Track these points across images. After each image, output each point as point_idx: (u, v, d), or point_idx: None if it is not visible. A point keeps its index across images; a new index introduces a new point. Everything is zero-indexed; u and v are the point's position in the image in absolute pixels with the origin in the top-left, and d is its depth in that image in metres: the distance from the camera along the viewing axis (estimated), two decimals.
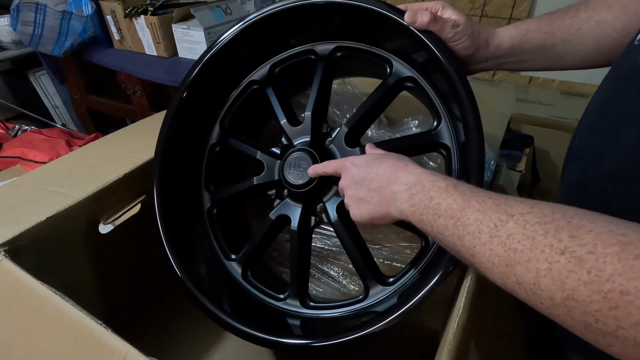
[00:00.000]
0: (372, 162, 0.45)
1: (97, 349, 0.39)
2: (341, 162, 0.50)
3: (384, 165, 0.43)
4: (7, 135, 1.34)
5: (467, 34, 0.48)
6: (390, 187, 0.41)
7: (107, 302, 0.70)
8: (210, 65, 0.61)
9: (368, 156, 0.47)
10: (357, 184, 0.45)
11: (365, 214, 0.44)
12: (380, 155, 0.46)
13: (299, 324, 0.58)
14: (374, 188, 0.43)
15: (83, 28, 1.36)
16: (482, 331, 0.46)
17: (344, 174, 0.48)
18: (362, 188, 0.44)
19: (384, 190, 0.42)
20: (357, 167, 0.46)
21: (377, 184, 0.43)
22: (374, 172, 0.43)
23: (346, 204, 0.48)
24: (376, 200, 0.43)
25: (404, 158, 0.44)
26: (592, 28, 0.46)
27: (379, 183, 0.42)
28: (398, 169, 0.42)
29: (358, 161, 0.47)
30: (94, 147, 0.71)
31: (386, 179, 0.42)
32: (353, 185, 0.46)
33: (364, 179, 0.44)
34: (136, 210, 0.66)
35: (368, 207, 0.44)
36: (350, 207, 0.47)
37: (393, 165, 0.42)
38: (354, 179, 0.46)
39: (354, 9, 0.52)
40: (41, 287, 0.43)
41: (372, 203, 0.43)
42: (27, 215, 0.53)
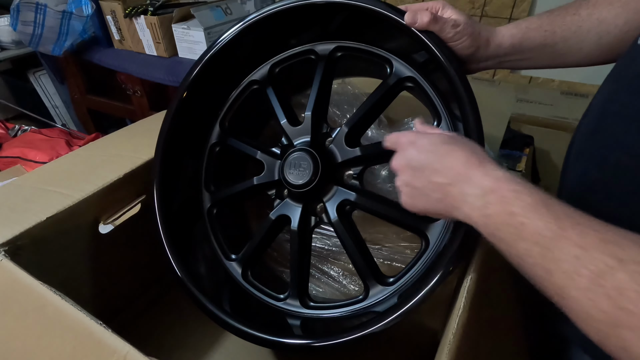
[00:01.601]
0: (439, 149, 0.37)
1: (97, 348, 0.39)
2: (398, 137, 0.42)
3: (452, 156, 0.36)
4: (7, 135, 1.34)
5: (467, 33, 0.48)
6: (459, 186, 0.35)
7: (107, 302, 0.70)
8: (210, 65, 0.61)
9: (433, 138, 0.39)
10: (415, 170, 0.38)
11: (420, 206, 0.39)
12: (448, 140, 0.38)
13: (299, 324, 0.58)
14: (437, 182, 0.37)
15: (83, 28, 1.36)
16: (482, 331, 0.46)
17: (400, 153, 0.41)
18: (420, 177, 0.38)
19: (450, 188, 0.36)
20: (417, 150, 0.39)
21: (442, 178, 0.36)
22: (440, 162, 0.37)
23: (397, 187, 0.42)
24: (437, 196, 0.37)
25: (477, 149, 0.37)
26: (593, 26, 0.46)
27: (444, 178, 0.36)
28: (471, 165, 0.35)
29: (421, 142, 0.39)
30: (94, 147, 0.71)
31: (454, 175, 0.35)
32: (409, 170, 0.39)
33: (424, 167, 0.38)
34: (136, 210, 0.65)
35: (425, 201, 0.38)
36: (402, 192, 0.41)
37: (465, 159, 0.36)
38: (411, 163, 0.39)
39: (354, 9, 0.52)
40: (41, 287, 0.43)
41: (432, 198, 0.38)
42: (27, 215, 0.53)
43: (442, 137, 0.39)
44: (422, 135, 0.40)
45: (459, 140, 0.39)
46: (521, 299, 0.60)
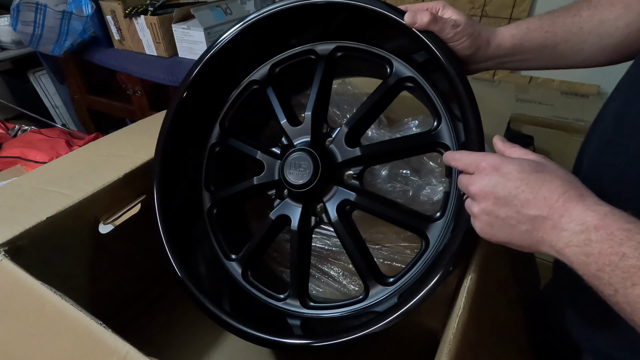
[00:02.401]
0: (530, 177, 0.34)
1: (97, 348, 0.39)
2: (478, 161, 0.38)
3: (547, 187, 0.33)
4: (7, 135, 1.34)
5: (467, 34, 0.48)
6: (554, 220, 0.32)
7: (107, 301, 0.70)
8: (210, 65, 0.61)
9: (522, 164, 0.35)
10: (500, 199, 0.35)
11: (500, 236, 0.36)
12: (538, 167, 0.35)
13: (299, 324, 0.58)
14: (528, 215, 0.33)
15: (83, 28, 1.36)
16: (482, 331, 0.46)
17: (481, 177, 0.37)
18: (506, 206, 0.35)
19: (543, 221, 0.33)
20: (504, 176, 0.35)
21: (535, 210, 0.33)
22: (532, 192, 0.33)
23: (471, 212, 0.39)
24: (525, 228, 0.34)
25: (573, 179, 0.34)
26: (595, 27, 0.46)
27: (537, 210, 0.33)
28: (569, 198, 0.32)
29: (507, 168, 0.35)
30: (94, 147, 0.71)
31: (549, 208, 0.32)
32: (492, 198, 0.36)
33: (514, 196, 0.34)
34: (136, 210, 0.66)
35: (509, 232, 0.35)
36: (480, 220, 0.38)
37: (563, 190, 0.32)
38: (496, 191, 0.35)
39: (354, 9, 0.52)
40: (41, 287, 0.43)
41: (518, 230, 0.34)
42: (27, 215, 0.53)
43: (532, 164, 0.35)
44: (508, 160, 0.36)
45: (551, 167, 0.36)
46: (522, 300, 0.60)
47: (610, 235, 0.29)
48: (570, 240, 0.31)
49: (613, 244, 0.28)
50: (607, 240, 0.29)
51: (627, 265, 0.27)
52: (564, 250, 0.31)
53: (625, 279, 0.27)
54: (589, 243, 0.30)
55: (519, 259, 0.65)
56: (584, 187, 0.33)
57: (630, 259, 0.27)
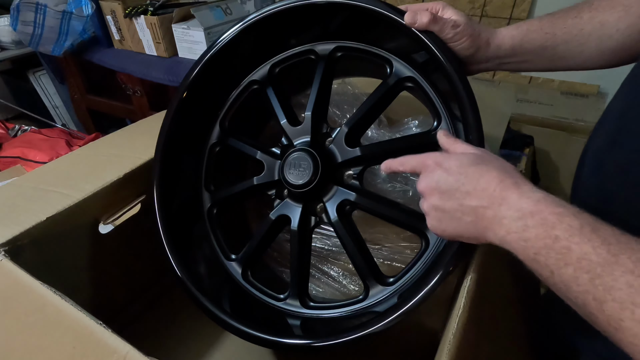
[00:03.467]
0: (469, 170, 0.36)
1: (97, 349, 0.39)
2: (423, 159, 0.40)
3: (485, 178, 0.35)
4: (7, 135, 1.34)
5: (467, 34, 0.48)
6: (494, 209, 0.33)
7: (107, 301, 0.70)
8: (210, 65, 0.61)
9: (461, 158, 0.38)
10: (444, 193, 0.37)
11: (450, 230, 0.38)
12: (477, 160, 0.37)
13: (299, 324, 0.58)
14: (469, 205, 0.35)
15: (83, 28, 1.36)
16: (482, 331, 0.46)
17: (426, 175, 0.39)
18: (450, 200, 0.36)
19: (484, 211, 0.34)
20: (445, 171, 0.37)
21: (475, 201, 0.35)
22: (471, 184, 0.35)
23: (424, 211, 0.40)
24: (469, 219, 0.35)
25: (509, 169, 0.36)
26: (595, 29, 0.46)
27: (477, 200, 0.34)
28: (506, 186, 0.33)
29: (448, 164, 0.38)
30: (94, 147, 0.71)
31: (488, 198, 0.34)
32: (437, 194, 0.38)
33: (455, 190, 0.36)
34: (136, 210, 0.66)
35: (456, 225, 0.37)
36: (430, 217, 0.40)
37: (499, 180, 0.34)
38: (439, 185, 0.37)
39: (354, 9, 0.52)
40: (41, 287, 0.43)
41: (463, 221, 0.36)
42: (27, 215, 0.53)
43: (471, 157, 0.37)
44: (448, 156, 0.39)
45: (488, 159, 0.37)
46: (522, 300, 0.60)
47: (543, 220, 0.30)
48: (510, 227, 0.32)
49: (547, 228, 0.30)
50: (541, 225, 0.30)
51: (560, 246, 0.29)
52: (506, 237, 0.33)
53: (558, 260, 0.29)
54: (526, 229, 0.31)
55: (519, 259, 0.65)
56: (519, 176, 0.35)
57: (561, 241, 0.29)
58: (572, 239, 0.28)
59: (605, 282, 0.26)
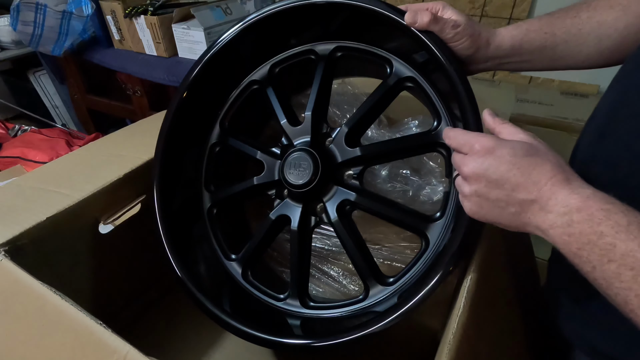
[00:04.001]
0: (522, 162, 0.35)
1: (97, 349, 0.39)
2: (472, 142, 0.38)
3: (538, 171, 0.34)
4: (7, 135, 1.34)
5: (467, 34, 0.48)
6: (541, 203, 0.33)
7: (107, 301, 0.70)
8: (210, 65, 0.61)
9: (515, 147, 0.36)
10: (492, 182, 0.36)
11: (490, 217, 0.37)
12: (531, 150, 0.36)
13: (299, 324, 0.58)
14: (517, 198, 0.34)
15: (83, 28, 1.36)
16: (482, 331, 0.46)
17: (473, 158, 0.37)
18: (497, 189, 0.35)
19: (531, 204, 0.34)
20: (497, 159, 0.36)
21: (525, 194, 0.34)
22: (523, 176, 0.34)
23: (462, 192, 0.39)
24: (514, 210, 0.35)
25: (562, 163, 0.35)
26: (593, 29, 0.46)
27: (527, 194, 0.34)
28: (557, 182, 0.33)
29: (501, 151, 0.36)
30: (94, 147, 0.71)
31: (538, 192, 0.33)
32: (484, 181, 0.36)
33: (505, 180, 0.35)
34: (136, 210, 0.66)
35: (497, 213, 0.36)
36: (470, 201, 0.39)
37: (551, 174, 0.33)
38: (488, 175, 0.36)
39: (354, 9, 0.52)
40: (41, 287, 0.43)
41: (506, 212, 0.36)
42: (27, 215, 0.53)
43: (525, 147, 0.36)
44: (501, 142, 0.37)
45: (542, 151, 0.36)
46: (522, 299, 0.60)
47: (590, 216, 0.30)
48: (555, 222, 0.32)
49: (592, 224, 0.30)
50: (587, 220, 0.30)
51: (604, 243, 0.29)
52: (549, 231, 0.33)
53: (602, 256, 0.29)
54: (571, 224, 0.31)
55: (519, 259, 0.65)
56: (571, 171, 0.35)
57: (607, 237, 0.29)
58: (618, 235, 0.28)
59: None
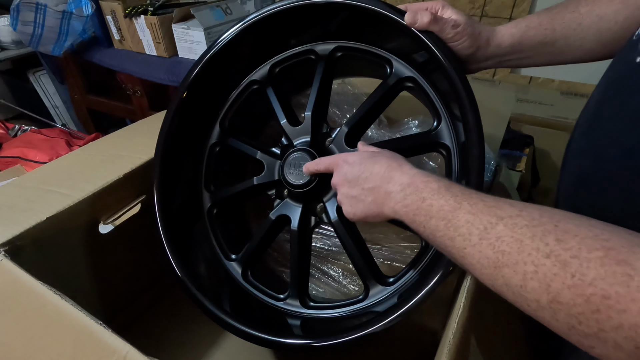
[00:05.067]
0: (366, 161, 0.45)
1: (97, 349, 0.39)
2: (334, 159, 0.50)
3: (378, 165, 0.43)
4: (7, 135, 1.34)
5: (467, 34, 0.48)
6: (385, 186, 0.41)
7: (107, 302, 0.70)
8: (210, 65, 0.61)
9: (362, 154, 0.47)
10: (350, 182, 0.45)
11: (358, 212, 0.45)
12: (374, 154, 0.46)
13: (299, 324, 0.58)
14: (368, 187, 0.43)
15: (83, 28, 1.36)
16: (482, 331, 0.46)
17: (337, 171, 0.48)
18: (355, 186, 0.44)
19: (378, 189, 0.42)
20: (350, 165, 0.46)
21: (372, 183, 0.43)
22: (368, 171, 0.43)
23: (339, 201, 0.48)
24: (370, 199, 0.43)
25: (397, 157, 0.44)
26: (593, 22, 0.46)
27: (373, 182, 0.43)
28: (392, 168, 0.42)
29: (351, 159, 0.47)
30: (94, 147, 0.71)
31: (380, 179, 0.42)
32: (346, 184, 0.46)
33: (357, 177, 0.44)
34: (136, 210, 0.66)
35: (362, 206, 0.44)
36: (344, 204, 0.47)
37: (387, 164, 0.43)
38: (347, 177, 0.46)
39: (354, 9, 0.52)
40: (41, 287, 0.43)
41: (366, 202, 0.43)
42: (27, 215, 0.53)
43: (369, 153, 0.46)
44: (353, 154, 0.48)
45: (382, 152, 0.46)
46: None
47: (416, 188, 0.38)
48: (396, 198, 0.40)
49: (417, 193, 0.38)
50: (415, 191, 0.38)
51: (426, 205, 0.36)
52: (395, 207, 0.40)
53: (426, 215, 0.36)
54: (406, 197, 0.39)
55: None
56: (404, 161, 0.43)
57: (427, 200, 0.36)
58: (433, 197, 0.36)
59: (454, 224, 0.33)
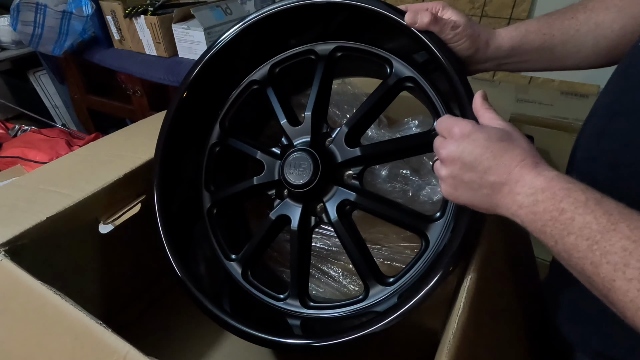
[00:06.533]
0: (495, 145, 0.37)
1: (97, 349, 0.39)
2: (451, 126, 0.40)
3: (509, 155, 0.36)
4: (7, 135, 1.34)
5: (466, 35, 0.48)
6: (511, 185, 0.35)
7: (107, 302, 0.70)
8: (210, 65, 0.61)
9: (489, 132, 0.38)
10: (466, 164, 0.38)
11: (464, 198, 0.39)
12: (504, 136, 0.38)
13: (299, 324, 0.58)
14: (489, 180, 0.36)
15: (83, 28, 1.36)
16: (482, 331, 0.46)
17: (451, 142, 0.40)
18: (471, 171, 0.38)
19: (501, 186, 0.36)
20: (472, 143, 0.38)
21: (496, 177, 0.36)
22: (495, 160, 0.36)
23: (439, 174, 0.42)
24: (485, 192, 0.37)
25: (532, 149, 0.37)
26: (591, 30, 0.47)
27: (498, 177, 0.36)
28: (525, 166, 0.35)
29: (476, 135, 0.38)
30: (94, 147, 0.71)
31: (506, 174, 0.35)
32: (459, 163, 0.38)
33: (479, 163, 0.37)
34: (136, 210, 0.66)
35: (470, 194, 0.38)
36: (446, 183, 0.41)
37: (521, 159, 0.36)
38: (463, 157, 0.38)
39: (354, 9, 0.52)
40: (41, 287, 0.43)
41: (479, 194, 0.38)
42: (27, 215, 0.53)
43: (499, 133, 0.38)
44: (478, 128, 0.39)
45: (515, 136, 0.38)
46: (521, 299, 0.60)
47: (553, 195, 0.32)
48: (522, 202, 0.34)
49: (555, 202, 0.32)
50: (550, 199, 0.32)
51: (565, 218, 0.31)
52: (518, 211, 0.35)
53: (562, 230, 0.31)
54: (536, 203, 0.33)
55: (519, 259, 0.65)
56: (539, 156, 0.37)
57: (567, 213, 0.31)
58: (577, 210, 0.30)
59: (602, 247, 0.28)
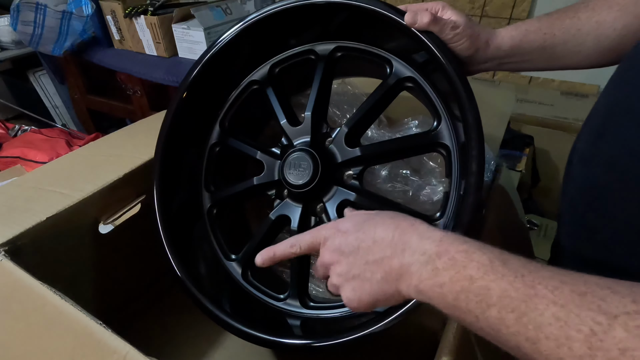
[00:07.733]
0: (364, 225, 0.34)
1: (97, 348, 0.39)
2: (316, 232, 0.38)
3: (381, 227, 0.33)
4: (7, 135, 1.34)
5: (466, 35, 0.48)
6: (398, 257, 0.31)
7: (107, 301, 0.70)
8: (210, 65, 0.61)
9: (354, 217, 0.36)
10: (348, 256, 0.34)
11: (365, 296, 0.34)
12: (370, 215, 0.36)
13: (299, 324, 0.58)
14: (373, 260, 0.32)
15: (83, 28, 1.36)
16: None
17: (325, 246, 0.37)
18: (355, 260, 0.34)
19: (389, 261, 0.31)
20: (343, 233, 0.35)
21: (378, 253, 0.32)
22: (370, 237, 0.33)
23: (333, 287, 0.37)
24: (379, 277, 0.32)
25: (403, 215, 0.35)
26: (592, 29, 0.46)
27: (380, 252, 0.32)
28: (404, 230, 0.32)
29: (344, 226, 0.36)
30: (94, 147, 0.71)
31: (390, 246, 0.32)
32: (343, 260, 0.35)
33: (357, 248, 0.34)
34: (136, 210, 0.66)
35: (369, 287, 0.33)
36: (343, 289, 0.35)
37: (394, 225, 0.33)
38: (342, 250, 0.35)
39: (354, 9, 0.52)
40: (41, 287, 0.43)
41: (375, 281, 0.33)
42: (27, 215, 0.53)
43: (363, 216, 0.36)
44: (341, 220, 0.37)
45: (380, 213, 0.36)
46: None
47: (452, 260, 0.28)
48: (421, 274, 0.29)
49: (458, 269, 0.27)
50: (452, 266, 0.28)
51: (477, 287, 0.26)
52: (419, 286, 0.30)
53: (480, 302, 0.26)
54: (438, 272, 0.28)
55: None
56: (413, 218, 0.33)
57: (478, 281, 0.26)
58: (486, 276, 0.26)
59: (533, 319, 0.23)
